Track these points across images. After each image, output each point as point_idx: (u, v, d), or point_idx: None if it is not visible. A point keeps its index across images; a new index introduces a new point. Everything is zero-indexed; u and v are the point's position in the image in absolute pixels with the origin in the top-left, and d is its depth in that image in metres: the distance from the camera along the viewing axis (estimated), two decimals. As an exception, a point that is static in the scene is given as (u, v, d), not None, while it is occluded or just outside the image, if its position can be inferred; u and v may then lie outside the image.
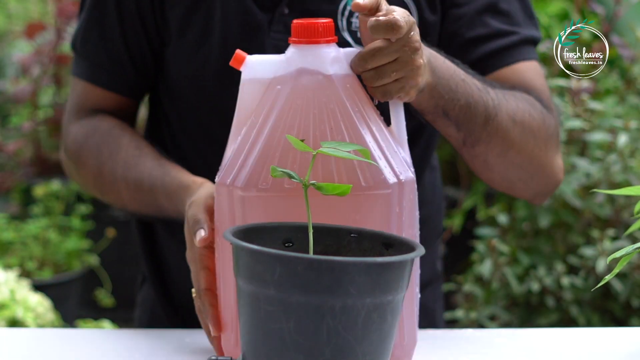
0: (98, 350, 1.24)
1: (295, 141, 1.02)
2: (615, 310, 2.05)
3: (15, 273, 2.52)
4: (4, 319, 2.32)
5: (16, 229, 3.19)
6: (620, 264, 1.09)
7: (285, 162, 1.08)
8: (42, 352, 1.23)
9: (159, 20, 1.44)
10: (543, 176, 1.41)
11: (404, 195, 1.11)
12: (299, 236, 1.04)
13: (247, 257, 0.96)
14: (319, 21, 1.12)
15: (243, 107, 1.14)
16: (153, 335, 1.30)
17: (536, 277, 2.05)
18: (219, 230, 1.13)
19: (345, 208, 1.08)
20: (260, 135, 1.10)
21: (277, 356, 0.95)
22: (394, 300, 0.96)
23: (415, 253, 0.98)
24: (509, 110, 1.33)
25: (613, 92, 2.31)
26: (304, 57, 1.11)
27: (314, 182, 1.02)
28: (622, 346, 1.26)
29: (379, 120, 1.12)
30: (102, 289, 3.36)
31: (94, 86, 1.50)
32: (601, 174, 2.07)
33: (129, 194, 1.41)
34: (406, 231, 1.11)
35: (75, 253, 3.25)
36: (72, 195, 3.43)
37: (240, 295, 0.98)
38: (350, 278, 0.93)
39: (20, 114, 3.83)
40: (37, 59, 3.64)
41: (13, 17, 4.27)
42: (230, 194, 1.10)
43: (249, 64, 1.14)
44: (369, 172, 1.08)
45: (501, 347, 1.26)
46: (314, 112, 1.09)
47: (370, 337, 0.95)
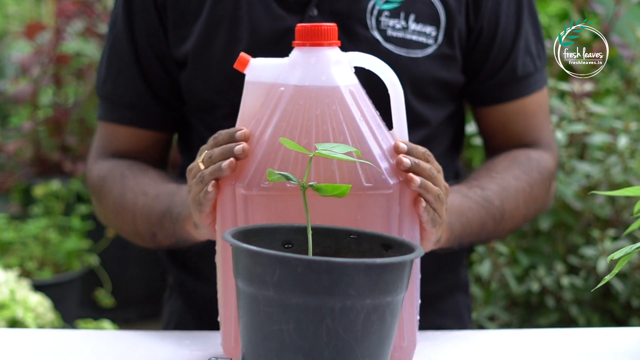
0: (98, 351, 1.24)
1: (289, 143, 1.02)
2: (615, 310, 2.05)
3: (15, 273, 2.52)
4: (4, 319, 2.32)
5: (16, 229, 3.19)
6: (620, 264, 1.09)
7: (287, 161, 1.08)
8: (42, 352, 1.23)
9: (172, 41, 1.44)
10: (543, 210, 1.53)
11: (404, 196, 1.11)
12: (299, 237, 1.05)
13: (246, 259, 0.96)
14: (323, 25, 1.12)
15: (247, 109, 1.14)
16: (153, 336, 1.30)
17: (536, 277, 2.05)
18: (222, 230, 1.13)
19: (347, 208, 1.08)
20: (263, 136, 1.10)
21: (276, 357, 0.95)
22: (394, 301, 0.96)
23: (415, 254, 0.98)
24: (512, 203, 1.41)
25: (613, 93, 2.31)
26: (307, 60, 1.12)
27: (312, 183, 1.02)
28: (622, 346, 1.26)
29: (380, 123, 1.13)
30: (102, 289, 3.36)
31: (117, 125, 1.49)
32: (601, 175, 2.07)
33: (143, 222, 1.38)
34: (406, 232, 1.11)
35: (75, 253, 3.25)
36: (72, 195, 3.43)
37: (240, 297, 0.98)
38: (350, 279, 0.93)
39: (20, 114, 3.83)
40: (36, 59, 3.63)
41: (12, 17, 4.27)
42: (233, 194, 1.10)
43: (253, 66, 1.15)
44: (371, 173, 1.09)
45: (501, 347, 1.26)
46: (316, 113, 1.10)
47: (369, 338, 0.95)
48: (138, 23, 1.45)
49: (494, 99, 1.50)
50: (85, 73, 3.74)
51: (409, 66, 1.41)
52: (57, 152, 3.66)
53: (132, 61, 1.46)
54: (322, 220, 1.07)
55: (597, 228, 2.09)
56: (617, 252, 1.10)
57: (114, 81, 1.48)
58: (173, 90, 1.47)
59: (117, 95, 1.48)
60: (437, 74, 1.44)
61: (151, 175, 1.43)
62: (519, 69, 1.48)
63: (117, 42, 1.47)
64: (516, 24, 1.48)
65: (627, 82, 2.28)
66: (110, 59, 1.48)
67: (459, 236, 1.32)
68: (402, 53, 1.41)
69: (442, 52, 1.43)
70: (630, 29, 2.35)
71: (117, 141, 1.49)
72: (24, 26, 3.82)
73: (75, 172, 3.54)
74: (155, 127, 1.49)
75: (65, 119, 3.66)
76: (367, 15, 1.41)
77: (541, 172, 1.47)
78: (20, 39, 3.88)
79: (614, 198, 2.09)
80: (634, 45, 2.32)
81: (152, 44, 1.45)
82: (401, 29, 1.41)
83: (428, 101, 1.45)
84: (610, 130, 2.12)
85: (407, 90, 1.40)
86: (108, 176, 1.45)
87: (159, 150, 1.51)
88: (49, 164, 3.64)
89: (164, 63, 1.46)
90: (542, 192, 1.48)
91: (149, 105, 1.47)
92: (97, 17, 3.66)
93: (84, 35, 3.72)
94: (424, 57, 1.42)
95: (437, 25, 1.43)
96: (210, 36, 1.42)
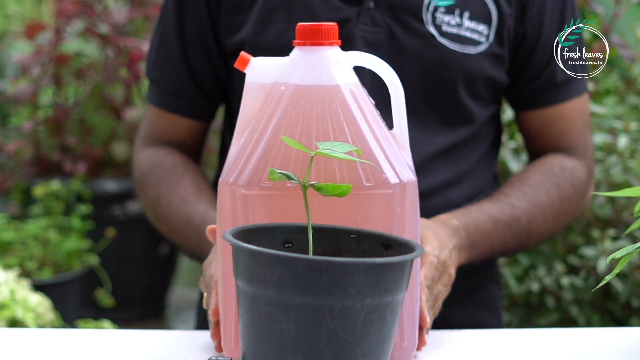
0: (98, 350, 1.24)
1: (290, 141, 1.02)
2: (615, 310, 2.05)
3: (15, 273, 2.52)
4: (4, 319, 2.32)
5: (16, 229, 3.19)
6: (620, 264, 1.09)
7: (287, 161, 1.08)
8: (42, 352, 1.23)
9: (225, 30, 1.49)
10: (574, 219, 1.59)
11: (405, 196, 1.11)
12: (299, 237, 1.04)
13: (246, 258, 0.96)
14: (323, 24, 1.12)
15: (247, 108, 1.14)
16: (153, 335, 1.30)
17: (536, 277, 2.05)
18: (222, 230, 1.13)
19: (347, 208, 1.08)
20: (264, 135, 1.10)
21: (276, 357, 0.95)
22: (394, 301, 0.96)
23: (415, 253, 0.98)
24: (540, 220, 1.48)
25: (613, 93, 2.31)
26: (308, 59, 1.12)
27: (313, 182, 1.02)
28: (622, 346, 1.26)
29: (381, 123, 1.13)
30: (102, 289, 3.36)
31: (162, 111, 1.57)
32: (601, 175, 2.07)
33: (178, 228, 1.46)
34: (407, 233, 1.11)
35: (75, 253, 3.25)
36: (72, 195, 3.43)
37: (240, 296, 0.98)
38: (350, 279, 0.93)
39: (20, 114, 3.83)
40: (36, 59, 3.63)
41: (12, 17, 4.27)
42: (233, 193, 1.10)
43: (254, 66, 1.15)
44: (371, 172, 1.09)
45: (501, 347, 1.26)
46: (317, 112, 1.10)
47: (369, 338, 0.95)
48: (187, 15, 1.52)
49: (534, 104, 1.55)
50: (85, 73, 3.74)
51: (462, 62, 1.46)
52: (57, 152, 3.65)
53: (179, 53, 1.53)
54: (323, 220, 1.07)
55: (597, 228, 2.09)
56: (618, 252, 1.10)
57: (161, 69, 1.56)
58: (216, 83, 1.54)
59: (162, 82, 1.56)
60: (488, 71, 1.48)
61: (186, 185, 1.49)
62: (559, 75, 1.52)
63: (167, 31, 1.54)
64: (558, 31, 1.51)
65: (627, 82, 2.28)
66: (159, 47, 1.56)
67: (481, 254, 1.39)
68: (457, 49, 1.46)
69: (493, 51, 1.48)
70: (630, 29, 2.35)
71: (160, 126, 1.58)
72: (24, 26, 3.82)
73: (75, 172, 3.54)
74: (195, 116, 1.57)
75: (65, 119, 3.66)
76: (423, 10, 1.45)
77: (574, 184, 1.53)
78: (21, 39, 3.89)
79: (614, 198, 2.09)
80: (634, 45, 2.32)
81: (200, 37, 1.52)
82: (455, 26, 1.46)
83: (477, 98, 1.50)
84: (610, 130, 2.12)
85: (459, 86, 1.47)
86: (148, 176, 1.53)
87: (197, 138, 1.59)
88: (49, 164, 3.64)
89: (209, 57, 1.53)
90: (573, 204, 1.53)
91: (192, 95, 1.55)
92: (97, 17, 3.66)
93: (84, 35, 3.72)
94: (477, 55, 1.47)
95: (489, 24, 1.47)
96: (266, 23, 1.46)
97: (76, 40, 3.82)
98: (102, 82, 3.72)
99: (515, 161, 2.13)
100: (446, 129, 1.49)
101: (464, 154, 1.51)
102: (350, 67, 1.14)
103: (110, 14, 3.70)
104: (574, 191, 1.53)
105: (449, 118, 1.48)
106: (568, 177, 1.52)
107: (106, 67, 3.68)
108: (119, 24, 3.71)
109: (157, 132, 1.58)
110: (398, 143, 1.14)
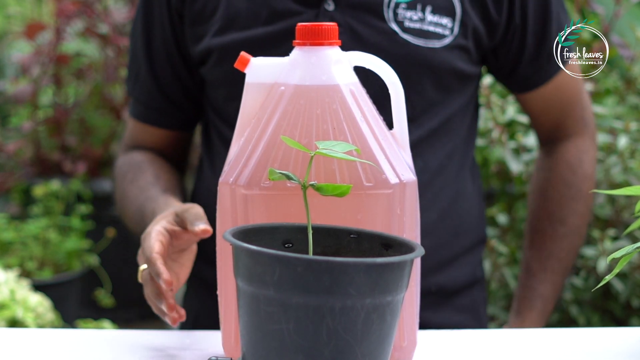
0: (98, 351, 1.24)
1: (290, 141, 1.02)
2: (616, 310, 2.05)
3: (15, 273, 2.52)
4: (4, 319, 2.32)
5: (16, 229, 3.19)
6: (620, 264, 1.09)
7: (287, 161, 1.08)
8: (42, 352, 1.23)
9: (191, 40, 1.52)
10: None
11: (405, 196, 1.11)
12: (299, 237, 1.04)
13: (246, 258, 0.96)
14: (323, 24, 1.12)
15: (247, 109, 1.15)
16: (153, 335, 1.30)
17: (536, 277, 2.05)
18: (222, 230, 1.13)
19: (347, 207, 1.08)
20: (264, 135, 1.10)
21: (276, 357, 0.95)
22: (394, 300, 0.96)
23: (415, 253, 0.98)
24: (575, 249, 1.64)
25: (613, 93, 2.31)
26: (308, 59, 1.12)
27: (313, 182, 1.02)
28: (622, 346, 1.26)
29: (381, 123, 1.13)
30: (102, 289, 3.36)
31: (137, 121, 1.62)
32: (601, 175, 2.06)
33: (134, 216, 1.50)
34: (407, 233, 1.11)
35: (75, 253, 3.25)
36: (72, 195, 3.43)
37: (240, 296, 0.98)
38: (350, 279, 0.93)
39: (20, 114, 3.83)
40: (36, 59, 3.64)
41: (13, 17, 4.27)
42: (233, 193, 1.10)
43: (253, 66, 1.15)
44: (371, 172, 1.09)
45: (501, 347, 1.26)
46: (316, 112, 1.10)
47: (369, 338, 0.95)
48: (154, 28, 1.55)
49: (533, 84, 1.57)
50: (85, 73, 3.74)
51: (427, 56, 1.46)
52: (57, 152, 3.66)
53: (146, 65, 1.57)
54: (323, 220, 1.07)
55: (597, 228, 2.09)
56: (617, 252, 1.10)
57: (133, 81, 1.60)
58: (183, 93, 1.57)
59: (135, 93, 1.61)
60: (455, 64, 1.48)
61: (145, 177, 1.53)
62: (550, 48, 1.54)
63: (137, 44, 1.58)
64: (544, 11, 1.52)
65: (627, 82, 2.28)
66: (132, 61, 1.61)
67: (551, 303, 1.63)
68: (421, 43, 1.46)
69: (458, 43, 1.48)
70: (630, 29, 2.34)
71: (137, 136, 1.62)
72: (24, 26, 3.82)
73: (75, 172, 3.54)
74: (168, 126, 1.60)
75: (65, 119, 3.66)
76: (384, 7, 1.45)
77: (589, 177, 1.62)
78: (21, 39, 3.89)
79: (614, 198, 2.09)
80: (634, 45, 2.32)
81: (165, 48, 1.55)
82: (418, 20, 1.46)
83: (445, 91, 1.50)
84: (610, 130, 2.12)
85: (426, 80, 1.47)
86: (118, 175, 1.59)
87: (177, 147, 1.63)
88: (49, 164, 3.64)
89: (174, 67, 1.56)
90: (592, 188, 1.63)
91: (161, 105, 1.58)
92: (97, 17, 3.66)
93: (84, 35, 3.73)
94: (442, 48, 1.47)
95: (452, 17, 1.47)
96: (227, 29, 1.47)
97: (76, 40, 3.82)
98: (102, 82, 3.72)
99: (515, 161, 2.13)
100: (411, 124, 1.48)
101: (435, 148, 1.51)
102: (350, 67, 1.14)
103: (110, 14, 3.70)
104: (590, 183, 1.62)
105: (416, 112, 1.48)
106: (581, 174, 1.61)
107: (106, 67, 3.69)
108: (119, 24, 3.71)
109: (135, 141, 1.63)
110: (398, 143, 1.14)
